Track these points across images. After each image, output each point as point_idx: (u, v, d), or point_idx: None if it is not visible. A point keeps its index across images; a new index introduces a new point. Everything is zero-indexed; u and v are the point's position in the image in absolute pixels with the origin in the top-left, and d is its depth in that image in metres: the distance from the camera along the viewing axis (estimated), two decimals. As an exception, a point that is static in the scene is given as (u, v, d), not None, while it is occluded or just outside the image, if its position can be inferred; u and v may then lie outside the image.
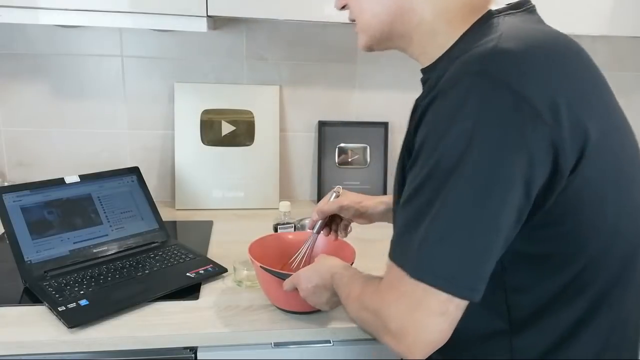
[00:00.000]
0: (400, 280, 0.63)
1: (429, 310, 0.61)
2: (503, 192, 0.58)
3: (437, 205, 0.60)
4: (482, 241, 0.60)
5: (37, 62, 1.55)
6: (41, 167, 1.61)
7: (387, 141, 1.74)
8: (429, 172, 0.61)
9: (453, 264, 0.60)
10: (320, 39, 1.64)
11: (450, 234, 0.60)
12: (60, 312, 1.00)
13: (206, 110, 1.64)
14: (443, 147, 0.59)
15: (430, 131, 0.62)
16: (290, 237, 1.17)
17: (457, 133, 0.58)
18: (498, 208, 0.58)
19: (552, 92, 0.59)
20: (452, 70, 0.63)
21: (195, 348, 1.01)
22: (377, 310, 0.67)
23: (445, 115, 0.60)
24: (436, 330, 0.62)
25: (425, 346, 0.63)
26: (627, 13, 1.37)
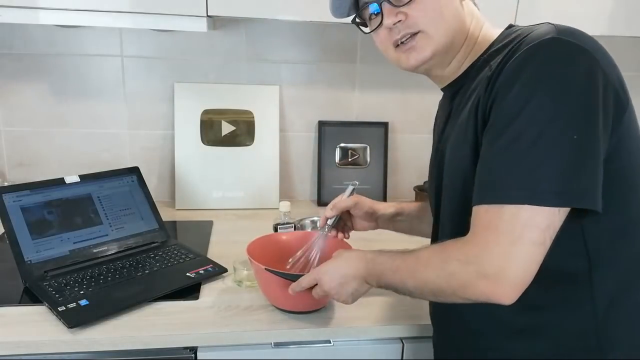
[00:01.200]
0: (501, 217, 0.68)
1: (530, 241, 0.66)
2: (594, 126, 0.67)
3: (542, 142, 0.66)
4: (587, 160, 0.67)
5: (37, 62, 1.55)
6: (41, 167, 1.61)
7: (387, 141, 1.74)
8: (526, 121, 0.67)
9: (568, 180, 0.66)
10: (320, 39, 1.64)
11: (557, 160, 0.66)
12: (60, 312, 1.00)
13: (206, 110, 1.64)
14: (537, 100, 0.67)
15: (521, 90, 0.68)
16: (289, 237, 1.17)
17: (548, 86, 0.67)
18: (593, 138, 0.67)
19: (603, 54, 0.71)
20: (524, 45, 0.71)
21: (195, 348, 1.01)
22: (471, 260, 0.69)
23: (533, 73, 0.68)
24: (535, 261, 0.67)
25: (524, 281, 0.68)
26: (627, 13, 1.38)
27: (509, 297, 0.68)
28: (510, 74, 0.70)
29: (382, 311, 1.06)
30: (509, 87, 0.69)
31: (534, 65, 0.69)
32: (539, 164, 0.66)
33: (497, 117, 0.71)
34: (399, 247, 1.00)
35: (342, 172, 1.73)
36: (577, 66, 0.68)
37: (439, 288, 0.74)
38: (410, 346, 1.08)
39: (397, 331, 1.06)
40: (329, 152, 1.72)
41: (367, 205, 1.08)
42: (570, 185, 0.66)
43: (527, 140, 0.67)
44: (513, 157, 0.68)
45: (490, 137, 0.71)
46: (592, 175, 0.67)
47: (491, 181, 0.70)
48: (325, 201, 1.70)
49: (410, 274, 0.78)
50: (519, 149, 0.67)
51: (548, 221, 0.67)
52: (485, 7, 0.89)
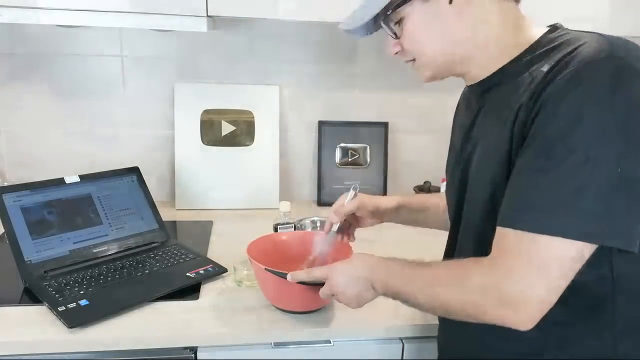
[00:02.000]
0: (529, 245, 0.66)
1: (557, 273, 0.65)
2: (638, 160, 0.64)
3: (583, 170, 0.63)
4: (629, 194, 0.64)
5: (37, 62, 1.55)
6: (41, 167, 1.61)
7: (387, 141, 1.74)
8: (568, 145, 0.64)
9: (603, 215, 0.64)
10: (320, 39, 1.64)
11: (596, 193, 0.63)
12: (60, 312, 1.00)
13: (206, 110, 1.64)
14: (588, 123, 0.64)
15: (571, 107, 0.65)
16: (288, 237, 1.17)
17: (603, 110, 0.64)
18: (637, 167, 0.64)
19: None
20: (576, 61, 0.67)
21: (195, 348, 1.01)
22: (492, 284, 0.68)
23: (585, 93, 0.65)
24: (556, 293, 0.66)
25: (541, 312, 0.67)
26: (627, 13, 1.38)
27: (525, 324, 0.68)
28: (559, 90, 0.66)
29: (382, 311, 1.06)
30: (556, 104, 0.66)
31: (586, 86, 0.65)
32: (579, 195, 0.63)
33: (539, 134, 0.67)
34: (400, 247, 1.00)
35: (342, 172, 1.73)
36: (632, 92, 0.64)
37: (453, 309, 0.73)
38: (410, 346, 1.08)
39: (397, 331, 1.06)
40: (329, 152, 1.72)
41: (371, 204, 1.08)
42: (609, 223, 0.64)
43: (570, 166, 0.64)
44: (552, 183, 0.65)
45: (528, 155, 0.68)
46: (632, 214, 0.65)
47: (526, 205, 0.67)
48: (325, 201, 1.71)
49: (424, 288, 0.77)
50: (559, 174, 0.64)
51: (579, 255, 0.65)
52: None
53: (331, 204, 1.66)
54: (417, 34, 0.80)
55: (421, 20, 0.78)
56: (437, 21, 0.78)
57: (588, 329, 0.74)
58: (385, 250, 0.96)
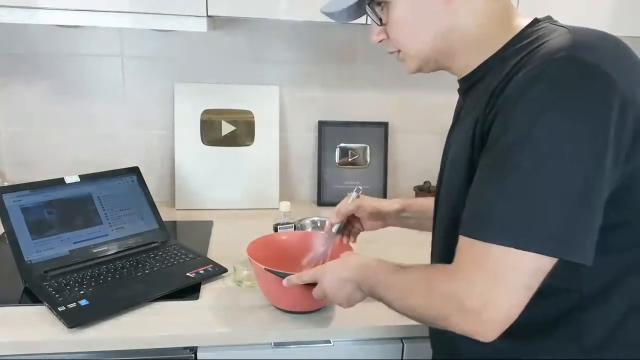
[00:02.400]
0: (486, 255, 0.64)
1: (515, 283, 0.63)
2: (600, 163, 0.61)
3: (539, 177, 0.61)
4: (586, 206, 0.62)
5: (37, 62, 1.55)
6: (41, 167, 1.61)
7: (387, 141, 1.74)
8: (526, 149, 0.62)
9: (561, 227, 0.61)
10: (320, 39, 1.64)
11: (553, 201, 0.61)
12: (60, 312, 1.00)
13: (206, 110, 1.64)
14: (542, 125, 0.61)
15: (525, 110, 0.63)
16: (288, 237, 1.17)
17: (555, 110, 0.61)
18: (597, 177, 0.62)
19: (627, 76, 0.65)
20: (534, 60, 0.66)
21: (195, 348, 1.01)
22: (453, 293, 0.66)
23: (541, 94, 0.63)
24: (518, 304, 0.64)
25: (505, 321, 0.65)
26: (627, 13, 1.38)
27: (487, 336, 0.66)
28: (514, 93, 0.65)
29: (382, 311, 1.05)
30: (512, 107, 0.64)
31: (540, 87, 0.62)
32: (532, 205, 0.62)
33: (494, 142, 0.66)
34: (401, 247, 1.00)
35: (342, 172, 1.73)
36: (589, 93, 0.61)
37: (420, 315, 0.73)
38: (410, 346, 1.08)
39: (397, 331, 1.06)
40: (329, 152, 1.72)
41: (371, 206, 1.07)
42: (562, 235, 0.61)
43: (524, 175, 0.62)
44: (506, 192, 0.63)
45: (485, 163, 0.67)
46: (587, 226, 0.62)
47: (480, 214, 0.66)
48: (326, 201, 1.71)
49: (397, 294, 0.77)
50: (513, 183, 0.63)
51: (537, 265, 0.63)
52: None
53: (331, 204, 1.68)
54: (402, 20, 0.77)
55: (408, 7, 0.76)
56: (423, 8, 0.76)
57: (555, 342, 0.73)
58: (386, 250, 0.96)
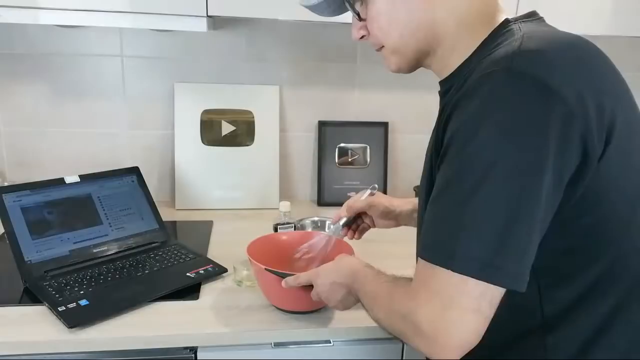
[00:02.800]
0: (432, 277, 0.63)
1: (462, 307, 0.61)
2: (537, 182, 0.59)
3: (473, 198, 0.60)
4: (520, 230, 0.60)
5: (37, 62, 1.55)
6: (41, 167, 1.61)
7: (387, 141, 1.74)
8: (461, 167, 0.61)
9: (493, 252, 0.59)
10: (320, 39, 1.64)
11: (486, 224, 0.60)
12: (60, 312, 1.00)
13: (206, 110, 1.64)
14: (475, 143, 0.60)
15: (460, 127, 0.62)
16: (288, 237, 1.17)
17: (489, 128, 0.60)
18: (533, 198, 0.59)
19: (578, 84, 0.61)
20: (478, 70, 0.65)
21: (195, 348, 1.02)
22: (407, 313, 0.66)
23: (476, 110, 0.61)
24: (470, 329, 0.62)
25: (460, 346, 0.63)
26: (627, 13, 1.38)
27: (448, 357, 0.63)
28: (456, 110, 0.64)
29: (382, 311, 1.06)
30: (454, 123, 0.63)
31: (476, 104, 0.61)
32: (466, 227, 0.60)
33: (442, 157, 0.65)
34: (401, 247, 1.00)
35: (342, 172, 1.73)
36: (525, 107, 0.59)
37: (388, 330, 0.74)
38: (410, 346, 1.07)
39: (397, 331, 1.06)
40: (329, 152, 1.72)
41: (383, 205, 1.07)
42: (496, 260, 0.60)
43: (459, 194, 0.61)
44: (444, 212, 0.63)
45: (437, 180, 0.66)
46: (518, 251, 0.60)
47: (425, 234, 0.65)
48: (326, 201, 1.71)
49: (369, 304, 0.78)
50: (450, 204, 0.62)
51: (480, 290, 0.60)
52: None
53: (331, 204, 1.69)
54: (381, 15, 0.75)
55: (386, 1, 0.74)
56: (403, 5, 0.73)
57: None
58: (386, 250, 0.96)
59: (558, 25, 0.76)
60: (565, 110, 0.59)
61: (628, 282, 0.69)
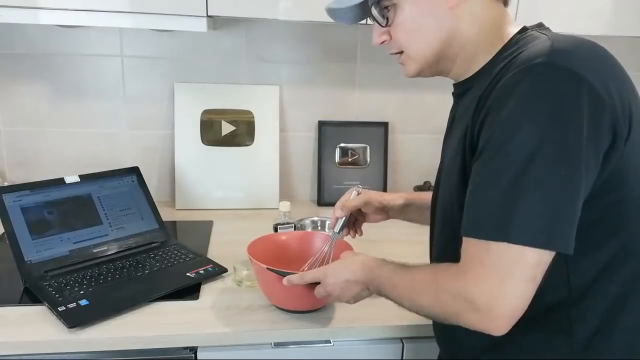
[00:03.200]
0: (487, 253, 0.67)
1: (520, 277, 0.65)
2: (578, 159, 0.65)
3: (524, 176, 0.65)
4: (569, 199, 0.66)
5: (37, 62, 1.55)
6: (41, 167, 1.61)
7: (387, 141, 1.74)
8: (510, 151, 0.66)
9: (549, 220, 0.65)
10: (320, 39, 1.64)
11: (540, 196, 0.65)
12: (60, 312, 1.00)
13: (206, 110, 1.64)
14: (522, 130, 0.66)
15: (506, 117, 0.67)
16: (288, 237, 1.17)
17: (533, 115, 0.66)
18: (576, 173, 0.65)
19: (603, 77, 0.68)
20: (514, 66, 0.70)
21: (195, 348, 1.02)
22: (461, 291, 0.69)
23: (519, 101, 0.67)
24: (525, 297, 0.66)
25: (513, 315, 0.67)
26: (627, 13, 1.38)
27: (499, 330, 0.68)
28: (497, 101, 0.69)
29: (382, 311, 1.06)
30: (496, 115, 0.68)
31: (519, 94, 0.67)
32: (519, 201, 0.65)
33: (484, 147, 0.70)
34: (401, 247, 1.01)
35: (342, 172, 1.73)
36: (564, 95, 0.66)
37: (432, 314, 0.75)
38: (410, 346, 1.08)
39: (397, 331, 1.06)
40: (329, 152, 1.72)
41: (377, 201, 1.09)
42: (548, 228, 0.65)
43: (510, 175, 0.66)
44: (496, 192, 0.67)
45: (477, 167, 0.71)
46: (568, 218, 0.66)
47: (476, 215, 0.69)
48: (326, 201, 1.71)
49: (405, 294, 0.79)
50: (502, 183, 0.66)
51: (537, 258, 0.66)
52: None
53: (331, 204, 1.67)
54: (409, 23, 0.80)
55: (416, 9, 0.79)
56: (430, 11, 0.78)
57: (546, 338, 0.75)
58: (387, 250, 0.96)
59: (558, 26, 0.77)
60: (596, 99, 0.66)
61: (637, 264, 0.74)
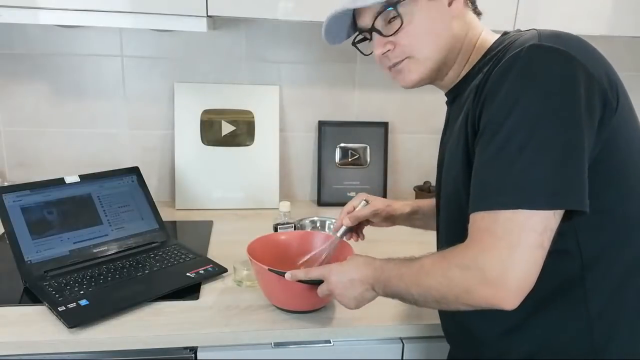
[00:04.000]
0: (495, 222, 0.68)
1: (528, 244, 0.66)
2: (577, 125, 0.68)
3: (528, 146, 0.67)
4: (574, 160, 0.68)
5: (37, 62, 1.55)
6: (41, 167, 1.61)
7: (387, 141, 1.74)
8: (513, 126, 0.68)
9: (556, 181, 0.67)
10: (320, 39, 1.63)
11: (545, 161, 0.67)
12: (60, 312, 1.00)
13: (206, 110, 1.64)
14: (520, 106, 0.68)
15: (504, 98, 0.70)
16: (288, 237, 1.17)
17: (530, 92, 0.69)
18: (577, 138, 0.68)
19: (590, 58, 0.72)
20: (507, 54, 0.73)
21: (195, 348, 1.02)
22: (470, 263, 0.69)
23: (515, 81, 0.70)
24: (534, 266, 0.67)
25: (523, 288, 0.67)
26: (627, 13, 1.38)
27: (510, 302, 0.68)
28: (494, 83, 0.72)
29: (382, 311, 1.06)
30: (494, 96, 0.71)
31: (515, 73, 0.70)
32: (527, 167, 0.67)
33: (486, 126, 0.72)
34: (401, 247, 1.01)
35: (342, 172, 1.73)
36: (557, 69, 0.69)
37: (442, 295, 0.74)
38: (410, 346, 1.08)
39: (397, 331, 1.06)
40: (329, 152, 1.72)
41: (385, 212, 1.10)
42: (560, 187, 0.67)
43: (515, 145, 0.68)
44: (502, 163, 0.69)
45: (481, 147, 0.73)
46: (579, 176, 0.68)
47: (484, 189, 0.71)
48: (326, 201, 1.71)
49: (414, 281, 0.78)
50: (507, 154, 0.68)
51: (544, 224, 0.67)
52: (486, 9, 0.89)
53: (331, 204, 1.69)
54: (418, 30, 0.83)
55: (426, 17, 0.82)
56: (439, 20, 0.83)
57: (562, 310, 0.76)
58: (387, 250, 0.96)
59: (558, 26, 0.78)
60: (585, 73, 0.69)
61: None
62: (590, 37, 0.76)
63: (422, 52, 0.84)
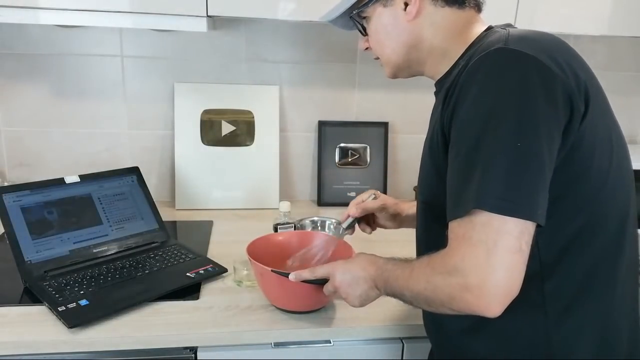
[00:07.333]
0: (472, 228, 0.68)
1: (505, 248, 0.66)
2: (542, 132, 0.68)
3: (492, 153, 0.68)
4: (536, 172, 0.68)
5: (37, 62, 1.55)
6: (41, 167, 1.61)
7: (387, 141, 1.74)
8: (479, 130, 0.69)
9: (520, 192, 0.67)
10: (320, 39, 1.64)
11: (507, 170, 0.67)
12: (60, 312, 1.00)
13: (206, 110, 1.64)
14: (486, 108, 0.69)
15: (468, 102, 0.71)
16: (289, 237, 1.17)
17: (489, 96, 0.70)
18: (541, 145, 0.68)
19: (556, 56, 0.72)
20: (474, 59, 0.74)
21: (195, 348, 1.02)
22: (451, 269, 0.69)
23: (479, 85, 0.71)
24: (514, 271, 0.66)
25: (504, 294, 0.67)
26: (627, 13, 1.38)
27: (493, 309, 0.67)
28: (461, 89, 0.73)
29: (382, 311, 1.06)
30: (461, 103, 0.72)
31: (478, 79, 0.71)
32: (487, 173, 0.67)
33: (454, 134, 0.73)
34: (402, 247, 1.01)
35: (342, 172, 1.73)
36: (517, 74, 0.69)
37: (429, 300, 0.75)
38: (410, 346, 1.08)
39: (397, 331, 1.06)
40: (329, 152, 1.72)
41: (393, 209, 1.11)
42: (511, 196, 0.66)
43: (476, 151, 0.68)
44: (468, 170, 0.69)
45: (451, 153, 0.74)
46: (531, 186, 0.67)
47: (456, 195, 0.71)
48: (326, 201, 1.71)
49: (405, 285, 0.79)
50: (470, 161, 0.69)
51: (520, 227, 0.66)
52: (486, 8, 0.89)
53: (331, 204, 1.69)
54: (377, 34, 0.90)
55: (381, 22, 0.88)
56: (393, 24, 0.87)
57: (520, 313, 0.75)
58: (387, 250, 0.96)
59: (558, 26, 0.78)
60: (547, 70, 0.70)
61: (603, 241, 0.76)
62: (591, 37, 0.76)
63: (384, 54, 0.91)
